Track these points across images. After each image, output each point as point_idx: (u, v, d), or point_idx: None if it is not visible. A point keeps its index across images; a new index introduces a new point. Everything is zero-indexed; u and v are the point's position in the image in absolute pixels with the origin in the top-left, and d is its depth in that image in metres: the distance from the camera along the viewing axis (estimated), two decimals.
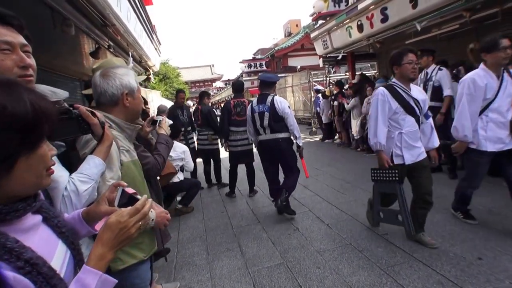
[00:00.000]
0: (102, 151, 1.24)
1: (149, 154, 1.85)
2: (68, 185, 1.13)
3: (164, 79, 27.34)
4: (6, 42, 0.96)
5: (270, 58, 24.84)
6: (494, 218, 3.40)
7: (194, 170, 5.29)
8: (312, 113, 11.65)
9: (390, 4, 6.15)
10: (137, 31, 5.41)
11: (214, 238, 3.76)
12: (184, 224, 4.37)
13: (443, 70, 4.89)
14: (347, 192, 4.79)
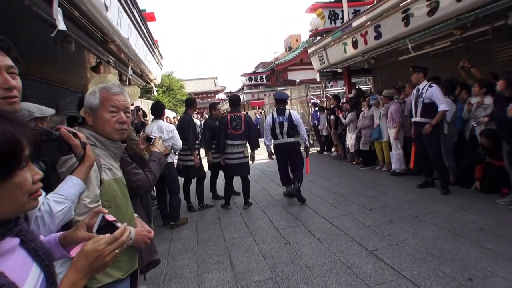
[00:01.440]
0: (82, 171, 1.24)
1: (141, 171, 1.87)
2: (42, 205, 1.10)
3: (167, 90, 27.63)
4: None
5: (271, 72, 25.13)
6: (486, 236, 3.36)
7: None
8: (310, 126, 11.73)
9: (383, 22, 6.31)
10: (138, 46, 5.53)
11: (206, 250, 3.78)
12: (177, 235, 4.39)
13: (433, 86, 4.96)
14: (339, 206, 4.82)
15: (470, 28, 5.23)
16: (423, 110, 5.04)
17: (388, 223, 3.98)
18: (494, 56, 6.15)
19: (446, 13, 4.79)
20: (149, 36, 6.48)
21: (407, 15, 5.60)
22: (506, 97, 3.97)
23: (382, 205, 4.65)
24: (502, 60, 5.91)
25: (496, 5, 4.21)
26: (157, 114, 4.76)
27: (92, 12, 3.12)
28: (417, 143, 5.45)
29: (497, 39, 5.61)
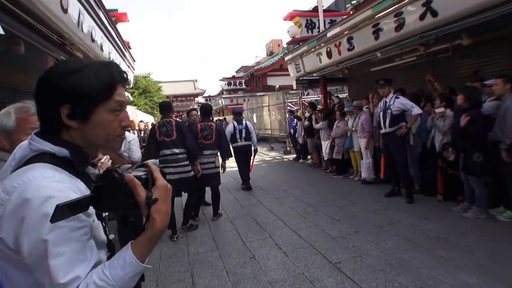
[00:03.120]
0: (141, 244, 0.84)
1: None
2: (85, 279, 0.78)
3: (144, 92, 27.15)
4: (121, 102, 0.93)
5: (250, 77, 25.21)
6: (440, 244, 3.56)
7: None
8: (287, 133, 11.85)
9: (355, 34, 6.47)
10: (105, 49, 5.39)
11: (167, 267, 3.68)
12: None
13: (399, 98, 5.16)
14: (309, 216, 4.89)
15: (433, 45, 5.52)
16: (391, 121, 5.23)
17: (354, 234, 4.08)
18: (455, 71, 6.48)
19: (411, 30, 4.98)
20: (119, 38, 6.34)
21: (377, 29, 5.76)
22: (463, 109, 4.19)
23: (350, 215, 4.76)
24: (461, 75, 6.24)
25: (452, 27, 4.51)
26: None
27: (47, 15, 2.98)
28: (386, 153, 5.65)
29: (456, 56, 5.95)
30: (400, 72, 7.58)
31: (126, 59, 7.57)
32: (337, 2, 19.68)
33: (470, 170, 4.16)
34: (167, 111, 4.65)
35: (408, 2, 4.77)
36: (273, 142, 15.31)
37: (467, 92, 4.24)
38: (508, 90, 3.99)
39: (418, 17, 4.69)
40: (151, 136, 4.53)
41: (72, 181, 0.86)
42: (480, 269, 2.98)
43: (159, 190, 0.84)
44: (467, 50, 5.63)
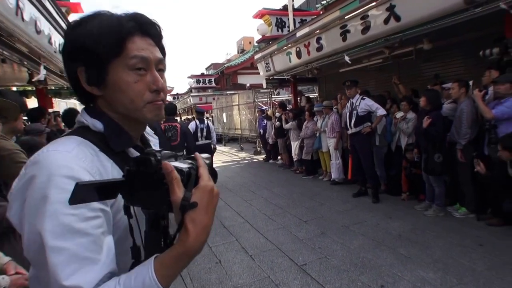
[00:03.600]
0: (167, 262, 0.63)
1: (3, 204, 1.59)
2: None
3: None
4: (143, 59, 0.75)
5: (220, 75, 24.91)
6: (401, 242, 3.67)
7: None
8: (257, 133, 11.79)
9: (324, 35, 6.53)
10: (55, 43, 4.99)
11: None
12: None
13: (365, 99, 5.28)
14: (277, 218, 4.87)
15: (398, 48, 5.66)
16: (357, 121, 5.35)
17: (321, 235, 4.10)
18: (419, 74, 6.74)
19: (377, 33, 5.10)
20: None
21: (344, 30, 5.84)
22: (426, 111, 4.33)
23: (318, 217, 4.79)
24: (425, 78, 6.48)
25: (414, 32, 4.67)
26: (69, 124, 4.12)
27: None
28: (353, 154, 5.76)
29: (420, 60, 6.17)
30: (368, 73, 7.77)
31: None
32: (308, 2, 19.90)
33: (432, 170, 4.31)
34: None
35: (373, 6, 4.88)
36: (243, 142, 15.24)
37: (428, 95, 4.41)
38: (463, 93, 4.18)
39: (382, 21, 4.81)
40: None
41: (96, 160, 0.70)
42: (435, 264, 3.14)
43: (202, 192, 0.62)
44: (429, 54, 5.85)
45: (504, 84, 3.61)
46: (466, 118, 4.03)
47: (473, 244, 3.46)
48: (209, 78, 24.08)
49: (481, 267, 3.00)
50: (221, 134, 18.01)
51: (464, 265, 3.07)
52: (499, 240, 3.50)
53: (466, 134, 4.04)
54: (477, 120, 4.05)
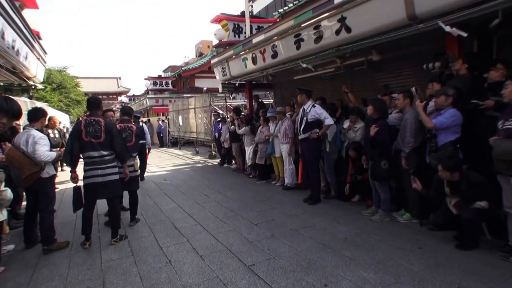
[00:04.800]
0: None
1: None
2: None
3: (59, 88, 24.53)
4: None
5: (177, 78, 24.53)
6: (347, 245, 3.81)
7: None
8: (212, 137, 11.74)
9: (278, 42, 6.68)
10: (8, 38, 4.78)
11: (77, 276, 3.39)
12: (44, 260, 3.83)
13: (316, 106, 5.47)
14: (228, 221, 4.86)
15: (350, 58, 5.94)
16: (306, 127, 5.53)
17: (270, 237, 4.15)
18: (371, 84, 7.07)
19: (328, 43, 5.31)
20: (25, 26, 5.64)
21: (298, 39, 6.03)
22: (373, 120, 4.57)
23: (268, 220, 4.85)
24: (376, 88, 6.83)
25: (364, 43, 4.88)
26: (31, 119, 4.06)
27: None
28: (303, 159, 5.95)
29: (371, 70, 6.49)
30: (322, 81, 8.05)
31: (35, 50, 6.76)
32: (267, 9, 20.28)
33: (378, 176, 4.52)
34: (95, 108, 4.22)
35: (326, 16, 5.09)
36: (199, 146, 15.07)
37: (375, 104, 4.63)
38: (408, 104, 4.44)
39: (334, 31, 5.02)
40: (75, 135, 4.00)
41: None
42: (376, 265, 3.29)
43: None
44: (380, 65, 6.15)
45: (439, 97, 3.92)
46: (409, 127, 4.26)
47: (413, 247, 3.65)
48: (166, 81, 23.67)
49: (418, 268, 3.18)
50: (176, 137, 17.70)
51: (402, 265, 3.24)
52: (437, 243, 3.73)
53: (409, 142, 4.27)
54: (420, 129, 4.28)
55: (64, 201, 6.23)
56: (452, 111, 3.79)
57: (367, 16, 4.49)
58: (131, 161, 4.76)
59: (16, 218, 5.06)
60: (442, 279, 2.96)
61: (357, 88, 6.91)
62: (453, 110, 3.79)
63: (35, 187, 3.96)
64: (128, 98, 37.02)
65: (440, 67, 4.49)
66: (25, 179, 3.73)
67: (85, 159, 4.03)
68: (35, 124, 4.04)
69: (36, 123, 4.07)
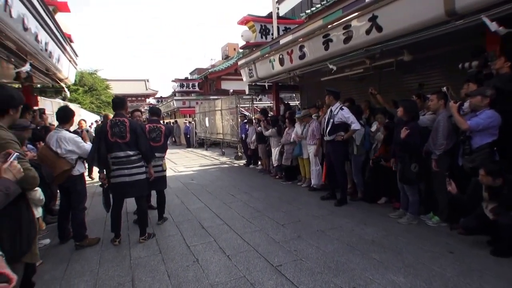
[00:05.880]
0: None
1: None
2: None
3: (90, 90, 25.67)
4: None
5: (204, 80, 24.91)
6: (374, 247, 3.74)
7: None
8: (239, 138, 11.82)
9: (306, 43, 6.65)
10: (41, 40, 4.98)
11: (107, 272, 3.50)
12: (77, 255, 3.99)
13: (344, 109, 5.39)
14: (254, 221, 4.88)
15: (379, 59, 5.79)
16: (332, 130, 5.49)
17: (297, 238, 4.13)
18: (399, 85, 6.89)
19: (358, 43, 5.23)
20: (58, 29, 5.87)
21: (327, 39, 5.97)
22: (404, 122, 4.43)
23: (295, 220, 4.82)
24: (405, 89, 6.64)
25: (395, 43, 4.77)
26: (61, 120, 4.18)
27: None
28: (327, 160, 5.92)
29: (401, 71, 6.31)
30: (350, 83, 7.92)
31: (66, 52, 7.05)
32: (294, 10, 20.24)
33: (407, 179, 4.39)
34: (120, 108, 4.29)
35: (356, 16, 5.01)
36: (225, 147, 15.21)
37: (405, 105, 4.47)
38: (441, 105, 4.28)
39: (364, 31, 4.93)
40: (101, 136, 4.08)
41: None
42: (406, 268, 3.21)
43: None
44: (409, 66, 5.97)
45: (475, 97, 3.75)
46: (442, 129, 4.11)
47: (444, 251, 3.54)
48: (193, 83, 24.06)
49: (450, 273, 3.07)
50: (203, 138, 17.97)
51: (433, 270, 3.15)
52: (468, 248, 3.59)
53: (441, 145, 4.13)
54: (454, 132, 4.12)
55: (95, 199, 6.45)
56: (490, 112, 3.63)
57: (400, 14, 4.37)
58: (159, 161, 4.87)
59: (51, 213, 5.30)
60: (477, 286, 2.84)
61: (385, 90, 6.73)
62: (491, 111, 3.63)
63: (66, 185, 4.12)
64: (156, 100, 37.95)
65: (477, 66, 4.24)
66: (57, 177, 3.89)
67: (112, 159, 4.11)
68: (65, 125, 4.18)
69: (66, 124, 4.20)
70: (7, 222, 1.94)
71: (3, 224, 1.92)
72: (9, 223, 1.95)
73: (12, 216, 1.96)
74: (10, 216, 1.95)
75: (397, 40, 4.70)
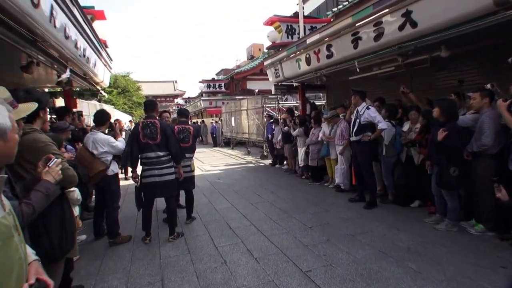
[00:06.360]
0: None
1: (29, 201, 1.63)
2: None
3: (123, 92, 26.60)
4: None
5: (230, 80, 25.07)
6: (410, 256, 3.52)
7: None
8: (264, 138, 11.80)
9: (334, 42, 6.50)
10: (80, 47, 5.22)
11: (138, 270, 3.57)
12: (110, 251, 4.12)
13: (370, 108, 5.23)
14: (282, 222, 4.81)
15: (412, 56, 5.54)
16: (358, 130, 5.35)
17: (326, 242, 4.02)
18: (433, 83, 6.58)
19: (390, 40, 5.03)
20: (95, 36, 6.14)
21: (356, 37, 5.80)
22: (441, 122, 4.16)
23: (323, 223, 4.72)
24: (439, 86, 6.33)
25: (430, 39, 4.50)
26: (98, 123, 4.35)
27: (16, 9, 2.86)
28: (354, 161, 5.78)
29: (435, 68, 6.02)
30: (379, 81, 7.69)
31: (102, 57, 7.33)
32: (319, 9, 19.94)
33: (446, 184, 4.08)
34: (151, 110, 4.42)
35: (388, 11, 4.81)
36: (250, 146, 15.24)
37: (442, 105, 4.17)
38: (486, 104, 3.96)
39: (397, 27, 4.73)
40: (134, 137, 4.24)
41: None
42: (448, 282, 2.96)
43: None
44: (445, 62, 5.67)
45: None
46: (487, 128, 3.80)
47: (493, 265, 3.21)
48: (220, 83, 24.31)
49: None
50: (229, 138, 18.14)
51: (482, 286, 2.87)
52: None
53: (484, 146, 3.84)
54: (503, 132, 3.80)
55: (127, 197, 6.60)
56: None
57: (438, 7, 4.11)
58: (188, 161, 4.93)
59: (87, 210, 5.56)
60: None
61: (417, 88, 6.44)
62: None
63: (101, 184, 4.27)
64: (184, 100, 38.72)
65: None
66: (93, 177, 4.04)
67: (143, 159, 4.25)
68: (101, 128, 4.33)
69: (102, 126, 4.35)
70: (54, 222, 2.10)
71: (52, 223, 2.08)
72: (56, 222, 2.11)
73: (58, 216, 2.11)
74: (57, 216, 2.11)
75: (434, 36, 4.41)
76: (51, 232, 2.07)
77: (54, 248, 2.09)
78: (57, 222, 2.13)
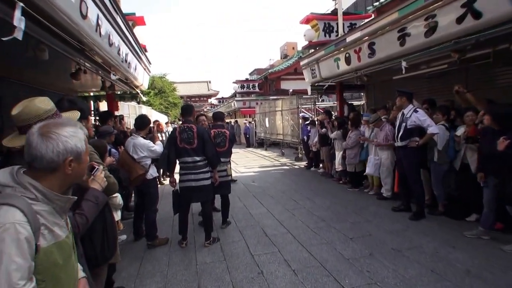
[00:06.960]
0: None
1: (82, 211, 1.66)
2: None
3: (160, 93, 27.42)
4: None
5: (263, 80, 24.92)
6: (472, 281, 3.06)
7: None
8: (299, 139, 11.50)
9: (378, 39, 6.07)
10: (122, 53, 5.32)
11: (175, 275, 3.51)
12: (149, 254, 4.12)
13: (418, 111, 4.81)
14: (320, 232, 4.53)
15: (470, 51, 4.94)
16: (404, 135, 4.96)
17: (369, 256, 3.70)
18: (494, 80, 5.94)
19: (445, 34, 4.52)
20: (136, 42, 6.25)
21: (403, 34, 5.37)
22: (495, 131, 3.72)
23: (365, 234, 4.38)
24: (502, 85, 5.69)
25: (502, 29, 3.88)
26: (139, 128, 4.45)
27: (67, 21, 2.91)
28: (399, 167, 5.39)
29: (498, 62, 5.36)
30: (425, 81, 7.17)
31: (142, 62, 7.47)
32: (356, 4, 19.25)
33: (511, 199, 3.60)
34: (188, 115, 4.40)
35: (445, 3, 4.32)
36: (284, 147, 14.99)
37: (495, 113, 3.74)
38: None
39: (454, 19, 4.25)
40: (172, 142, 4.25)
41: None
42: None
43: None
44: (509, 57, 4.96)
45: None
46: None
47: None
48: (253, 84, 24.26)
49: None
50: (262, 138, 18.01)
51: None
52: None
53: None
54: None
55: (164, 200, 6.58)
56: None
57: None
58: (224, 165, 4.81)
59: (128, 210, 5.71)
60: None
61: (473, 87, 5.80)
62: None
63: (141, 187, 4.34)
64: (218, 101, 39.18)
65: None
66: (133, 180, 4.15)
67: (180, 164, 4.25)
68: (141, 132, 4.41)
69: (142, 131, 4.43)
70: (96, 229, 2.11)
71: (94, 231, 2.09)
72: (99, 230, 2.13)
73: (100, 223, 2.13)
74: (99, 223, 2.12)
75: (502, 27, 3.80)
76: (94, 239, 2.10)
77: (97, 256, 2.11)
78: (100, 229, 2.16)
